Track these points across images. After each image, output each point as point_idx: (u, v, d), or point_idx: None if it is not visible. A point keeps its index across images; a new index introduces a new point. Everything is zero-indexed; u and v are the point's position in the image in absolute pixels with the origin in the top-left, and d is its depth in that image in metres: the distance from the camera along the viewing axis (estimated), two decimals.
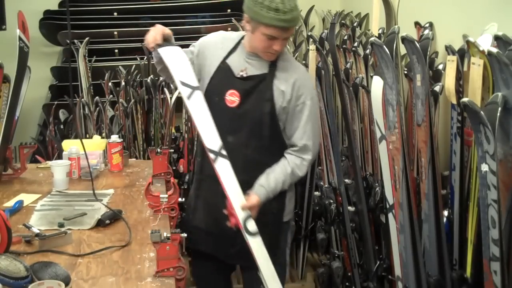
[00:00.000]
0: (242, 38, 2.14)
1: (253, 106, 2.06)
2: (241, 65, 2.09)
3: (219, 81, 2.12)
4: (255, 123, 2.06)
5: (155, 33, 2.03)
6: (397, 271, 2.26)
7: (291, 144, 2.11)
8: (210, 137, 1.94)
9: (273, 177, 2.07)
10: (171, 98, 3.71)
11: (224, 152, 1.94)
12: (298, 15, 1.98)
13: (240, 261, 2.26)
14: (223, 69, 2.12)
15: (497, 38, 1.91)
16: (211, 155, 1.93)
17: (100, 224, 1.95)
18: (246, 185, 1.99)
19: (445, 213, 2.22)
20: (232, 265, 2.37)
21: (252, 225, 1.96)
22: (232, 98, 2.07)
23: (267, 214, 2.08)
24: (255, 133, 2.07)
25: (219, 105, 2.08)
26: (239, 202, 1.95)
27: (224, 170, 1.93)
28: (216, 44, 2.16)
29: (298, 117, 2.08)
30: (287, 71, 2.07)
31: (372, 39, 2.22)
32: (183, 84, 1.99)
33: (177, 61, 2.03)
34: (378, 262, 2.62)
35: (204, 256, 2.25)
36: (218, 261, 2.22)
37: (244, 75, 2.07)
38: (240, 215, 1.95)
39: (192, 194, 2.28)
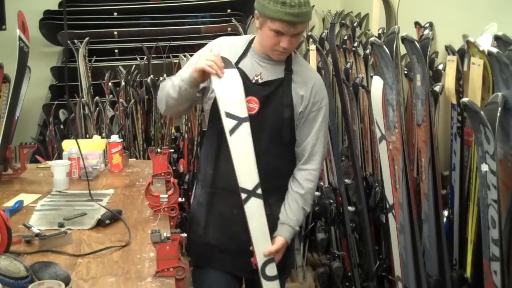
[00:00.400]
0: (251, 41, 2.02)
1: (272, 112, 1.95)
2: (255, 69, 1.97)
3: None
4: (276, 129, 1.95)
5: (212, 59, 1.86)
6: (397, 271, 2.26)
7: (299, 152, 2.01)
8: (247, 176, 1.84)
9: (290, 209, 1.98)
10: None
11: (259, 191, 1.84)
12: (308, 11, 1.84)
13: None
14: None
15: (497, 38, 1.91)
16: (243, 195, 1.84)
17: (100, 224, 1.95)
18: (266, 193, 1.89)
19: (445, 213, 2.22)
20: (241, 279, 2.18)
21: (271, 270, 1.90)
22: (251, 105, 1.94)
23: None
24: (275, 140, 1.96)
25: None
26: (264, 248, 1.88)
27: (255, 210, 1.85)
28: (224, 51, 2.00)
29: (312, 123, 1.98)
30: (304, 75, 1.98)
31: (372, 39, 2.22)
32: (228, 115, 1.83)
33: (230, 87, 1.86)
34: (378, 262, 2.62)
35: (213, 272, 2.06)
36: (229, 277, 2.07)
37: (260, 80, 1.96)
38: (261, 260, 1.89)
39: (200, 208, 2.08)
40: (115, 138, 2.70)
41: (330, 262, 2.99)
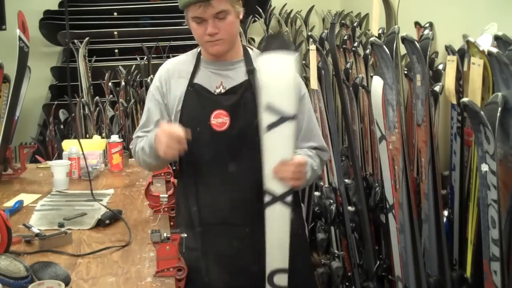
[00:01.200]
0: (199, 53, 1.81)
1: (247, 120, 1.68)
2: (214, 80, 1.75)
3: (195, 107, 1.75)
4: (257, 139, 1.55)
5: (167, 143, 1.61)
6: (397, 271, 2.26)
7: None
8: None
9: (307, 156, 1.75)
10: None
11: (288, 199, 1.57)
12: None
13: None
14: (195, 91, 1.76)
15: (497, 38, 1.91)
16: (267, 197, 1.56)
17: (100, 224, 1.95)
18: (261, 217, 1.59)
19: (445, 213, 2.22)
20: None
21: (281, 280, 1.64)
22: (220, 120, 1.71)
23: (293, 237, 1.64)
24: (260, 151, 1.57)
25: (205, 134, 1.72)
26: (278, 258, 1.61)
27: (278, 217, 1.58)
28: (173, 75, 1.79)
29: (299, 116, 1.64)
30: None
31: (372, 39, 2.22)
32: (269, 108, 1.51)
33: (278, 75, 1.52)
34: (378, 262, 2.62)
35: None
36: None
37: (223, 90, 1.73)
38: (271, 266, 1.62)
39: (193, 255, 1.75)
40: (115, 138, 2.70)
41: (330, 262, 2.98)
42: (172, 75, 1.80)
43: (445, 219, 2.20)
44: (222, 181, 1.74)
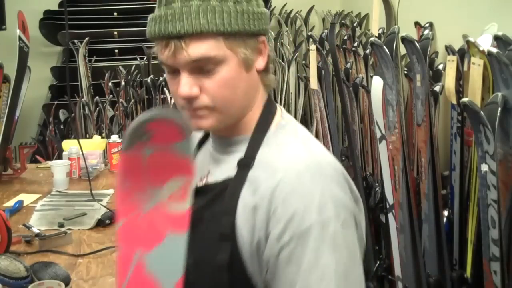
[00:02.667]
0: None
1: (200, 253, 0.96)
2: (205, 165, 1.09)
3: None
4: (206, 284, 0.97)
5: None
6: (397, 271, 2.26)
7: None
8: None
9: None
10: (171, 98, 3.71)
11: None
12: (207, 9, 0.93)
13: None
14: None
15: (497, 38, 1.91)
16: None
17: (100, 224, 1.95)
18: None
19: (445, 213, 2.22)
20: None
21: None
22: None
23: None
24: None
25: None
26: None
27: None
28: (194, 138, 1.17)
29: (289, 269, 0.91)
30: (270, 165, 0.96)
31: (372, 39, 2.22)
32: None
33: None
34: (378, 262, 2.62)
35: None
36: None
37: (200, 184, 1.06)
38: None
39: None
40: (115, 138, 2.70)
41: None
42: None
43: (445, 219, 2.20)
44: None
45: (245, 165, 0.98)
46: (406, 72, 2.47)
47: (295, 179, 0.93)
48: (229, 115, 1.00)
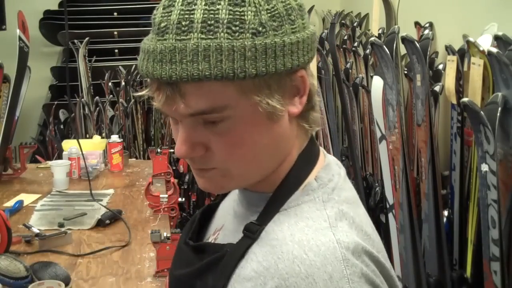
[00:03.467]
0: None
1: None
2: (224, 215, 0.90)
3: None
4: None
5: None
6: (397, 271, 2.26)
7: None
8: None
9: None
10: None
11: None
12: (208, 47, 0.68)
13: None
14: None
15: (497, 38, 1.91)
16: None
17: (100, 224, 1.95)
18: None
19: (445, 213, 2.22)
20: None
21: None
22: None
23: None
24: None
25: None
26: None
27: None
28: None
29: None
30: (273, 247, 0.73)
31: (372, 39, 2.22)
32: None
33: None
34: None
35: None
36: None
37: (210, 239, 0.89)
38: None
39: None
40: (115, 138, 2.69)
41: None
42: None
43: (445, 219, 2.20)
44: None
45: (249, 234, 0.76)
46: (406, 72, 2.47)
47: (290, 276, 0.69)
48: (247, 179, 0.78)
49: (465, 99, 1.66)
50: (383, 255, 0.78)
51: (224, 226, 0.87)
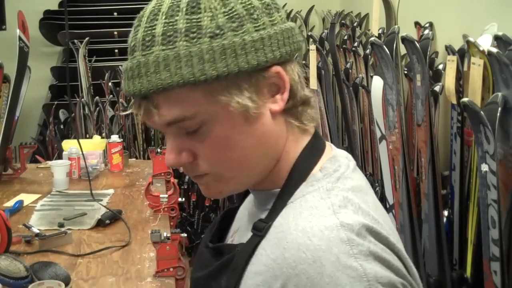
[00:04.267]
0: None
1: None
2: (241, 217, 0.93)
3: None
4: None
5: None
6: None
7: None
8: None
9: None
10: None
11: None
12: (161, 60, 0.71)
13: None
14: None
15: (497, 38, 1.91)
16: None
17: (100, 224, 1.95)
18: None
19: (445, 213, 2.22)
20: None
21: None
22: None
23: None
24: None
25: None
26: None
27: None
28: None
29: None
30: (279, 238, 0.75)
31: (372, 39, 2.22)
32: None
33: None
34: None
35: None
36: None
37: (228, 241, 0.92)
38: None
39: None
40: (115, 138, 2.69)
41: None
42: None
43: (445, 219, 2.20)
44: None
45: (258, 231, 0.77)
46: (406, 72, 2.47)
47: (293, 267, 0.70)
48: (243, 181, 0.81)
49: (465, 99, 1.66)
50: (396, 238, 0.77)
51: (240, 228, 0.89)
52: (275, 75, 0.75)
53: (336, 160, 0.81)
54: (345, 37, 3.38)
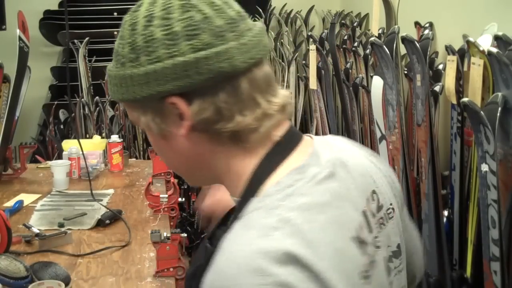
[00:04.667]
0: None
1: None
2: None
3: None
4: None
5: None
6: None
7: None
8: None
9: None
10: None
11: None
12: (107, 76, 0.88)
13: None
14: None
15: (497, 38, 1.91)
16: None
17: (100, 224, 1.95)
18: None
19: (445, 213, 2.22)
20: None
21: None
22: None
23: None
24: None
25: None
26: None
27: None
28: None
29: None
30: (216, 256, 0.74)
31: (372, 39, 2.22)
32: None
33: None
34: None
35: None
36: None
37: None
38: None
39: None
40: (115, 138, 2.69)
41: None
42: None
43: (445, 219, 2.20)
44: None
45: (212, 241, 0.82)
46: (406, 72, 2.47)
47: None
48: (188, 179, 0.92)
49: (465, 99, 1.66)
50: (334, 263, 0.72)
51: None
52: (170, 105, 0.78)
53: (301, 172, 0.77)
54: (345, 37, 3.38)
